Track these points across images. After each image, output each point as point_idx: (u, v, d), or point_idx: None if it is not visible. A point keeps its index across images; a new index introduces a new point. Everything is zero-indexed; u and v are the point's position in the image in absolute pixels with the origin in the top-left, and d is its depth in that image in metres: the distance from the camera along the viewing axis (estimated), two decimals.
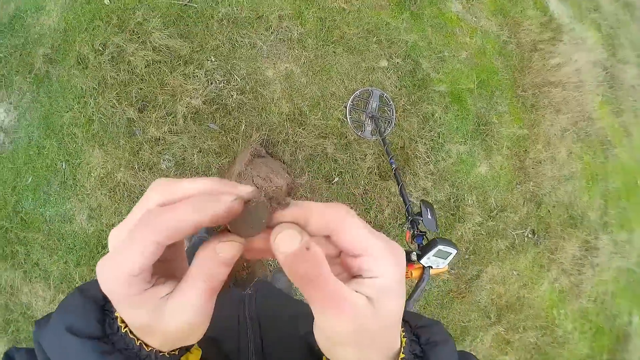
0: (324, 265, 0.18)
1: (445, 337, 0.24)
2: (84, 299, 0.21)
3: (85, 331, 0.20)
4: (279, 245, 0.18)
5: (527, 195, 1.73)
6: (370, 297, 0.19)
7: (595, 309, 1.92)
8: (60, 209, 1.38)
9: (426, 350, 0.23)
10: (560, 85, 1.77)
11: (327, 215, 0.19)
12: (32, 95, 1.47)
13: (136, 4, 1.54)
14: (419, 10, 1.52)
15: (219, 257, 0.18)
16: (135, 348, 0.20)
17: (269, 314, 0.50)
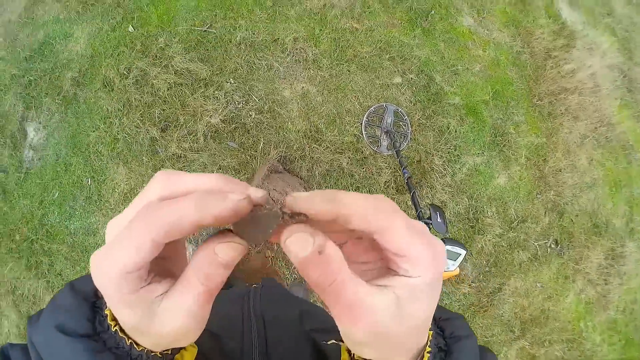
0: (340, 269, 0.17)
1: (468, 332, 0.24)
2: (74, 295, 0.21)
3: (76, 330, 0.19)
4: (289, 249, 0.17)
5: (549, 204, 1.69)
6: (398, 297, 0.18)
7: (624, 320, 1.84)
8: (85, 222, 1.44)
9: (450, 343, 0.23)
10: (576, 92, 1.75)
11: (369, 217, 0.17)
12: (61, 115, 1.56)
13: (158, 31, 1.62)
14: (431, 26, 1.55)
15: (218, 259, 0.17)
16: (126, 347, 0.20)
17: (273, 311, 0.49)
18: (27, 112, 1.60)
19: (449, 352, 0.22)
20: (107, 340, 0.20)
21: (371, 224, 0.17)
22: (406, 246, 0.18)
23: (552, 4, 1.83)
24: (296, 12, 1.54)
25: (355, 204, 0.17)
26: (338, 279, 0.17)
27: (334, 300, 0.17)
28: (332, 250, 0.17)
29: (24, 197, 1.49)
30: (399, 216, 0.18)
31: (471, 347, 0.23)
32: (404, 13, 1.55)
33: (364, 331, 0.17)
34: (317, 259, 0.16)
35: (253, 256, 1.47)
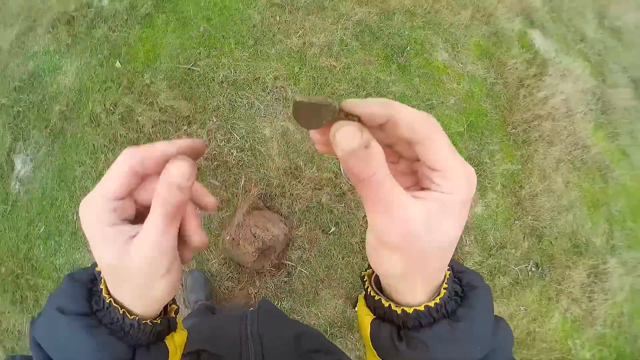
0: (381, 166, 0.18)
1: (485, 284, 0.24)
2: (72, 282, 0.23)
3: (73, 309, 0.21)
4: (337, 140, 0.18)
5: (527, 229, 1.74)
6: (430, 209, 0.18)
7: (613, 334, 1.88)
8: (70, 258, 1.45)
9: (466, 290, 0.23)
10: (549, 118, 1.81)
11: (417, 125, 0.18)
12: (48, 149, 1.59)
13: (144, 68, 1.67)
14: (406, 62, 1.61)
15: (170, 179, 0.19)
16: (119, 320, 0.21)
17: (270, 332, 0.50)
18: (15, 143, 1.63)
19: (465, 297, 0.23)
20: (102, 317, 0.21)
21: (416, 132, 0.19)
22: (445, 160, 0.19)
23: (525, 33, 1.91)
24: (277, 51, 1.59)
25: (405, 110, 0.19)
26: (379, 172, 0.17)
27: (373, 193, 0.18)
28: (377, 147, 0.18)
29: (9, 230, 1.51)
30: (442, 132, 0.19)
31: (486, 296, 0.23)
32: (380, 50, 1.61)
33: (397, 229, 0.18)
34: (363, 152, 0.17)
35: (236, 293, 1.49)
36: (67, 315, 0.21)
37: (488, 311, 0.23)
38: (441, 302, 0.21)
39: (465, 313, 0.21)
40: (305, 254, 1.47)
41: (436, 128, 0.19)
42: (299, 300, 1.45)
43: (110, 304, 0.21)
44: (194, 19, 1.69)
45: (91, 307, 0.22)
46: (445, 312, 0.21)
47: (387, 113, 0.19)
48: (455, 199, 0.19)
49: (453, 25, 1.71)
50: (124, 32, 1.73)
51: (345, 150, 0.17)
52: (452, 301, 0.22)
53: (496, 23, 1.81)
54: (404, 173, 0.22)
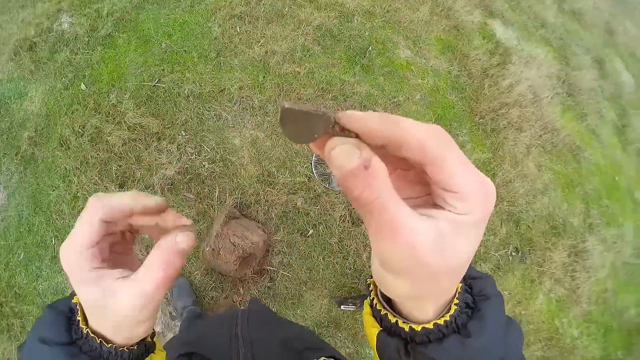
0: (385, 188, 0.16)
1: (497, 291, 0.23)
2: (52, 313, 0.24)
3: (54, 339, 0.22)
4: (333, 159, 0.16)
5: (504, 215, 1.77)
6: (441, 229, 0.16)
7: (599, 310, 1.92)
8: (52, 282, 1.43)
9: (478, 301, 0.22)
10: (516, 105, 1.85)
11: (427, 146, 0.16)
12: (20, 175, 1.57)
13: (109, 88, 1.65)
14: (369, 62, 1.63)
15: (178, 247, 0.21)
16: (97, 348, 0.22)
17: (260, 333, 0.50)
18: None
19: (477, 309, 0.21)
20: (82, 345, 0.22)
21: (426, 154, 0.16)
22: (460, 182, 0.16)
23: (486, 24, 1.95)
24: (239, 62, 1.60)
25: (412, 128, 0.16)
26: (382, 195, 0.15)
27: (375, 217, 0.16)
28: (378, 165, 0.16)
29: None
30: (455, 148, 0.17)
31: (499, 306, 0.22)
32: (342, 52, 1.62)
33: (402, 253, 0.16)
34: (363, 173, 0.15)
35: (221, 302, 1.48)
36: (49, 346, 0.22)
37: (499, 322, 0.21)
38: (451, 318, 0.20)
39: (476, 327, 0.20)
40: (286, 258, 1.47)
41: (449, 144, 0.17)
42: (284, 303, 1.45)
43: (87, 334, 0.22)
44: (154, 36, 1.68)
45: (71, 336, 0.23)
46: (456, 326, 0.21)
47: (390, 133, 0.16)
48: (471, 219, 0.17)
49: (413, 22, 1.74)
50: (86, 54, 1.72)
51: (343, 171, 0.16)
52: (462, 314, 0.21)
53: (456, 16, 1.85)
54: (413, 182, 0.20)
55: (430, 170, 0.17)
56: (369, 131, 0.16)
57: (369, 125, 0.16)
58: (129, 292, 0.20)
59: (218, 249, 1.33)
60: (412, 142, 0.16)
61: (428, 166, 0.17)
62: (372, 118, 0.16)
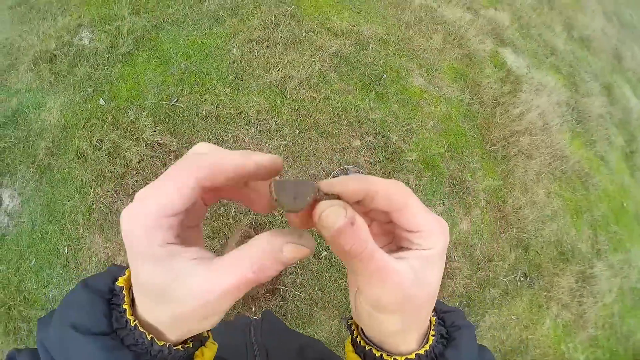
0: (369, 238, 0.18)
1: (467, 323, 0.25)
2: (88, 293, 0.20)
3: (91, 328, 0.18)
4: (323, 221, 0.18)
5: (513, 241, 1.78)
6: (414, 267, 0.20)
7: (605, 334, 1.91)
8: (63, 290, 1.44)
9: (451, 332, 0.24)
10: (527, 133, 1.87)
11: (393, 195, 0.20)
12: (35, 183, 1.58)
13: (128, 105, 1.69)
14: (384, 89, 1.66)
15: (282, 256, 0.18)
16: (146, 343, 0.19)
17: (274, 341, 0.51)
18: (1, 178, 1.63)
19: (451, 338, 0.24)
20: (124, 337, 0.19)
21: (393, 202, 0.20)
22: (422, 222, 0.20)
23: (497, 53, 1.99)
24: (257, 85, 1.63)
25: (379, 184, 0.19)
26: (368, 247, 0.18)
27: (365, 266, 0.18)
28: (361, 221, 0.18)
29: (0, 263, 1.49)
30: (414, 197, 0.20)
31: (471, 335, 0.24)
32: (357, 79, 1.66)
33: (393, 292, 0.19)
34: (350, 229, 0.17)
35: (232, 318, 1.49)
36: (83, 335, 0.18)
37: (472, 349, 0.24)
38: (430, 348, 0.23)
39: (452, 354, 0.23)
40: (298, 279, 1.48)
41: (409, 194, 0.20)
42: (295, 323, 1.46)
43: (136, 327, 0.19)
44: (174, 56, 1.73)
45: (111, 324, 0.19)
46: (434, 354, 0.23)
47: (364, 189, 0.19)
48: (435, 252, 0.20)
49: (426, 50, 1.78)
50: (106, 70, 1.76)
51: (333, 229, 0.17)
52: (439, 344, 0.23)
53: (468, 45, 1.89)
54: (377, 234, 0.24)
55: (396, 216, 0.20)
56: (347, 192, 0.19)
57: (347, 187, 0.19)
58: (206, 281, 0.17)
59: None
60: (380, 194, 0.19)
61: (394, 213, 0.20)
62: (347, 180, 0.19)
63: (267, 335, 0.52)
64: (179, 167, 0.17)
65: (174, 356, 0.20)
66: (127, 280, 0.21)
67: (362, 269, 0.19)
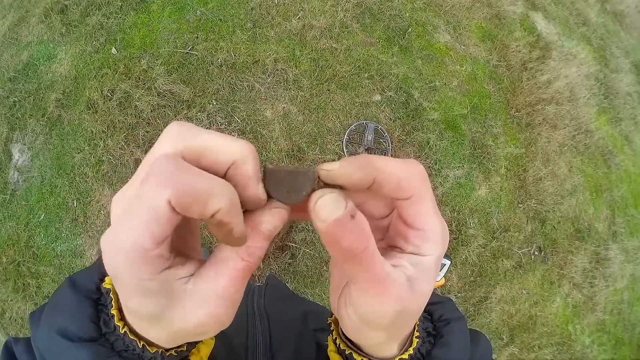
0: (370, 237, 0.15)
1: (457, 314, 0.23)
2: (75, 294, 0.19)
3: (78, 334, 0.17)
4: (319, 211, 0.15)
5: (530, 213, 1.73)
6: (410, 275, 0.17)
7: (613, 320, 1.88)
8: (72, 244, 1.44)
9: (439, 327, 0.22)
10: (553, 102, 1.79)
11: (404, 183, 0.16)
12: (45, 137, 1.57)
13: (141, 53, 1.64)
14: (408, 43, 1.58)
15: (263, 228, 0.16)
16: (136, 350, 0.17)
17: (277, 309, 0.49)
18: (11, 133, 1.61)
19: (439, 335, 0.22)
20: (114, 342, 0.18)
21: (402, 190, 0.17)
22: (428, 221, 0.17)
23: (527, 16, 1.89)
24: (276, 34, 1.56)
25: (391, 168, 0.16)
26: (369, 247, 0.15)
27: (364, 269, 0.15)
28: (362, 216, 0.15)
29: (9, 219, 1.49)
30: (429, 189, 0.17)
31: (461, 330, 0.22)
32: (381, 32, 1.58)
33: (390, 305, 0.16)
34: (350, 223, 0.15)
35: None
36: (72, 342, 0.17)
37: (463, 344, 0.22)
38: (414, 352, 0.21)
39: (440, 353, 0.21)
40: (309, 236, 1.45)
41: (423, 183, 0.17)
42: (303, 281, 1.44)
43: (126, 334, 0.17)
44: (190, 3, 1.66)
45: (99, 329, 0.18)
46: (421, 355, 0.21)
47: (370, 178, 0.16)
48: (431, 260, 0.17)
49: (455, 7, 1.69)
50: (118, 19, 1.69)
51: (329, 221, 0.14)
52: (425, 343, 0.21)
53: (498, 5, 1.79)
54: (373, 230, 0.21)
55: (401, 205, 0.17)
56: (353, 182, 0.16)
57: (352, 178, 0.16)
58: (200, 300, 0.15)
59: None
60: (390, 181, 0.16)
61: (401, 201, 0.17)
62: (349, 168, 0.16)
63: (270, 303, 0.50)
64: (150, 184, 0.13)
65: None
66: None
67: (359, 272, 0.16)
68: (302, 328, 0.45)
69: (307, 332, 0.44)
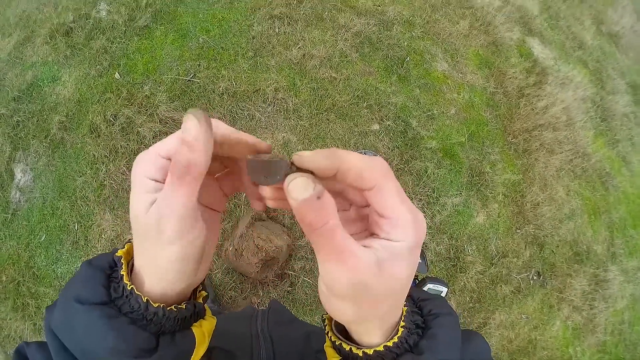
0: (333, 216, 0.18)
1: (448, 309, 0.24)
2: (90, 269, 0.21)
3: (91, 298, 0.20)
4: (291, 191, 0.18)
5: (529, 238, 1.73)
6: (379, 257, 0.19)
7: (614, 341, 1.88)
8: (72, 267, 1.44)
9: (428, 320, 0.23)
10: (550, 127, 1.81)
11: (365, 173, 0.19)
12: (48, 158, 1.58)
13: (144, 79, 1.66)
14: (406, 72, 1.61)
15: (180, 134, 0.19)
16: (141, 308, 0.20)
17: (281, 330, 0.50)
18: (14, 153, 1.62)
19: (427, 327, 0.22)
20: (122, 305, 0.20)
21: (365, 180, 0.19)
22: (393, 208, 0.19)
23: (524, 42, 1.91)
24: (276, 63, 1.59)
25: (353, 159, 0.19)
26: (330, 222, 0.18)
27: (323, 241, 0.18)
28: (328, 198, 0.18)
29: (10, 238, 1.49)
30: (392, 178, 0.20)
31: (451, 323, 0.23)
32: (380, 61, 1.61)
33: (347, 277, 0.18)
34: (315, 202, 0.18)
35: (239, 303, 1.48)
36: (84, 305, 0.19)
37: (451, 337, 0.22)
38: (400, 340, 0.21)
39: (427, 345, 0.21)
40: (308, 264, 1.46)
41: (386, 175, 0.19)
42: (302, 309, 1.44)
43: (132, 291, 0.20)
44: (192, 30, 1.69)
45: (109, 294, 0.20)
46: (408, 346, 0.21)
47: (335, 165, 0.19)
48: (403, 245, 0.19)
49: (452, 35, 1.72)
50: (122, 44, 1.72)
51: (298, 200, 0.18)
52: (413, 335, 0.22)
53: (495, 32, 1.82)
54: (353, 220, 0.23)
55: (368, 196, 0.20)
56: (319, 167, 0.19)
57: (318, 163, 0.19)
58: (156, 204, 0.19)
59: (241, 250, 1.33)
60: (353, 172, 0.19)
61: (366, 192, 0.20)
62: (318, 156, 0.19)
63: (274, 325, 0.51)
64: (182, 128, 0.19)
65: (168, 317, 0.21)
66: (126, 252, 0.23)
67: (321, 244, 0.19)
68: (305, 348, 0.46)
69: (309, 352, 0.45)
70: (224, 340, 0.46)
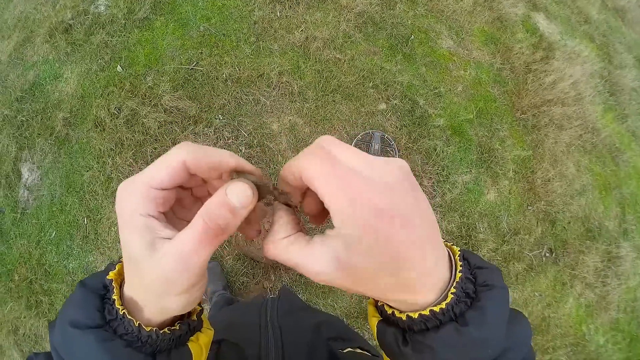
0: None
1: (501, 283, 0.22)
2: (84, 292, 0.21)
3: (86, 322, 0.20)
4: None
5: (540, 215, 1.72)
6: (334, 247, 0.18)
7: (627, 318, 1.86)
8: (83, 261, 1.45)
9: (479, 291, 0.21)
10: (558, 102, 1.79)
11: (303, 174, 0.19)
12: (54, 156, 1.58)
13: (146, 70, 1.65)
14: (411, 51, 1.59)
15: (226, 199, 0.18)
16: (134, 331, 0.20)
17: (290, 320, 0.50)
18: (20, 152, 1.63)
19: (477, 299, 0.21)
20: (117, 327, 0.20)
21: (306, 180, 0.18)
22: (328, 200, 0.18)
23: (529, 17, 1.88)
24: (279, 46, 1.57)
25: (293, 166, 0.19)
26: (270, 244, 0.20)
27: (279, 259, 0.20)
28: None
29: (20, 237, 1.50)
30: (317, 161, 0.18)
31: (501, 298, 0.21)
32: (384, 40, 1.59)
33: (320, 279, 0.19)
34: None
35: (252, 288, 1.48)
36: (79, 329, 0.20)
37: (500, 313, 0.21)
38: (447, 307, 0.20)
39: (473, 317, 0.20)
40: None
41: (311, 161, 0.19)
42: (315, 292, 1.44)
43: (124, 316, 0.20)
44: (192, 19, 1.67)
45: (104, 317, 0.21)
46: (453, 314, 0.20)
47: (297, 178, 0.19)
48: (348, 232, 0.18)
49: (456, 12, 1.69)
50: (123, 37, 1.71)
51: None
52: (461, 303, 0.20)
53: (499, 8, 1.79)
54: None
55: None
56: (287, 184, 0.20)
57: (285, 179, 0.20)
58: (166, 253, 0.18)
59: None
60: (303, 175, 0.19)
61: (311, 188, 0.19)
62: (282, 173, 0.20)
63: (283, 315, 0.51)
64: (170, 152, 0.19)
65: (163, 339, 0.21)
66: (117, 274, 0.22)
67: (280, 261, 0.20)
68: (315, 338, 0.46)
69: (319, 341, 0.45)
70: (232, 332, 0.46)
